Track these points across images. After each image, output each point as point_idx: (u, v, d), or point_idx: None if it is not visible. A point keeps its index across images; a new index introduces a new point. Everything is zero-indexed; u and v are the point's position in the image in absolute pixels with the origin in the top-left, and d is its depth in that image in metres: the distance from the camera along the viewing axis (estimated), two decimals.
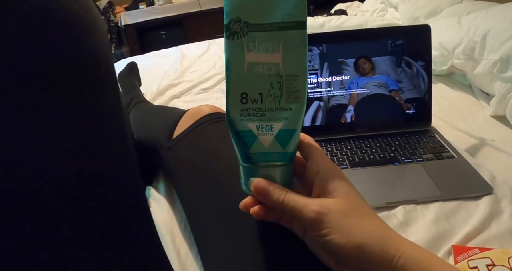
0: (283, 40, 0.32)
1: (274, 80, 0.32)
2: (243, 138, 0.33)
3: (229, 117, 0.33)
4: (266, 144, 0.33)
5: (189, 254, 0.54)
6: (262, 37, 0.32)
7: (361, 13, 1.92)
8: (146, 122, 0.74)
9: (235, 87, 0.32)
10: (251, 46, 0.32)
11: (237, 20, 0.31)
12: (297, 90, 0.32)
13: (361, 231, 0.29)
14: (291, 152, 0.33)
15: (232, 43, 0.32)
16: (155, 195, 0.67)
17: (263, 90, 0.32)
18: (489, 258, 0.48)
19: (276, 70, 0.32)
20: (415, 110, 0.78)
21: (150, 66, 1.51)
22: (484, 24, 0.90)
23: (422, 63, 0.77)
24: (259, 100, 0.32)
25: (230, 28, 0.32)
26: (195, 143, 0.54)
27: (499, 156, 0.73)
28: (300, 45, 0.32)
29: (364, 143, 0.74)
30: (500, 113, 0.86)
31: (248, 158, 0.33)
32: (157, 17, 3.15)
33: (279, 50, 0.32)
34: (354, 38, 0.77)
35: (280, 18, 0.31)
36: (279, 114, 0.32)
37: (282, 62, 0.32)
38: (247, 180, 0.34)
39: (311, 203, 0.30)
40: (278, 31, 0.31)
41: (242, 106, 0.32)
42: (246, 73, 0.32)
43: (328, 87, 0.78)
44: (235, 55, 0.32)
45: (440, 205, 0.58)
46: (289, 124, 0.32)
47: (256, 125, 0.32)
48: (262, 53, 0.32)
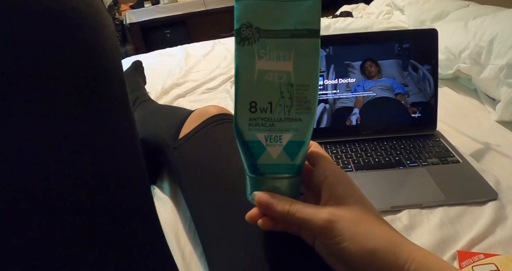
0: (295, 48, 0.30)
1: (285, 89, 0.31)
2: (251, 148, 0.32)
3: (237, 127, 0.32)
4: (274, 155, 0.32)
5: (193, 254, 0.54)
6: (274, 44, 0.30)
7: (367, 15, 1.92)
8: (152, 121, 0.74)
9: (244, 95, 0.31)
10: (262, 53, 0.30)
11: (248, 25, 0.30)
12: (307, 100, 0.31)
13: (373, 237, 0.28)
14: (299, 164, 0.33)
15: (243, 49, 0.31)
16: (160, 195, 0.67)
17: (273, 99, 0.31)
18: (493, 264, 0.48)
19: (287, 79, 0.31)
20: (420, 114, 0.78)
21: (155, 65, 1.51)
22: (491, 28, 0.90)
23: (429, 67, 0.77)
24: (268, 109, 0.31)
25: (241, 34, 0.30)
26: (201, 144, 0.54)
27: (504, 161, 0.72)
28: (313, 54, 0.31)
29: (369, 146, 0.74)
30: (505, 119, 0.86)
31: (256, 169, 0.32)
32: (162, 16, 3.15)
33: (291, 58, 0.31)
34: (361, 41, 0.77)
35: (293, 25, 0.30)
36: (288, 124, 0.32)
37: (293, 71, 0.31)
38: (253, 190, 0.33)
39: (320, 211, 0.30)
40: (290, 39, 0.30)
41: (251, 116, 0.31)
42: (256, 81, 0.31)
43: (334, 90, 0.78)
44: (245, 62, 0.31)
45: (445, 209, 0.58)
46: (299, 135, 0.32)
47: (264, 135, 0.32)
48: (273, 60, 0.31)
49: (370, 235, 0.29)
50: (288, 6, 0.30)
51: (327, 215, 0.29)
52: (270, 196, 0.31)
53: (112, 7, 3.04)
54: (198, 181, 0.50)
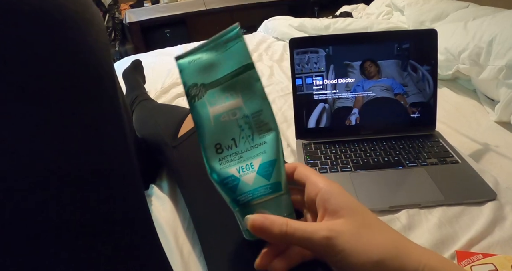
0: (238, 85, 0.34)
1: (242, 122, 0.34)
2: (227, 184, 0.33)
3: (210, 170, 0.34)
4: (249, 182, 0.32)
5: (192, 253, 0.54)
6: (220, 90, 0.34)
7: (367, 15, 1.92)
8: (151, 120, 0.74)
9: (208, 140, 0.34)
10: (212, 101, 0.34)
11: (194, 85, 0.34)
12: (265, 123, 0.34)
13: (377, 247, 0.27)
14: (277, 182, 0.33)
15: (196, 104, 0.34)
16: (158, 193, 0.67)
17: (235, 135, 0.34)
18: (492, 264, 0.48)
19: (241, 113, 0.34)
20: (419, 115, 0.78)
21: (155, 64, 1.51)
22: (491, 29, 0.90)
23: (428, 67, 0.77)
24: (233, 145, 0.34)
25: (190, 94, 0.34)
26: None
27: (503, 162, 0.73)
28: (255, 83, 0.34)
29: (369, 145, 0.74)
30: (504, 119, 0.86)
31: (237, 201, 0.33)
32: (162, 15, 3.15)
33: (238, 95, 0.34)
34: (360, 41, 0.77)
35: (230, 69, 0.34)
36: (255, 150, 0.33)
37: (244, 104, 0.34)
38: (245, 225, 0.32)
39: (318, 229, 0.28)
40: (232, 79, 0.34)
41: (219, 156, 0.34)
42: (214, 125, 0.34)
43: (333, 90, 0.78)
44: (200, 114, 0.34)
45: (444, 209, 0.58)
46: (268, 156, 0.33)
47: (236, 168, 0.33)
48: (224, 103, 0.34)
49: (373, 246, 0.28)
50: (220, 57, 0.34)
51: (326, 231, 0.28)
52: (263, 218, 0.29)
53: (112, 6, 3.04)
54: (197, 180, 0.50)
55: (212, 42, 0.35)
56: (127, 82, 1.19)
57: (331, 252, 0.28)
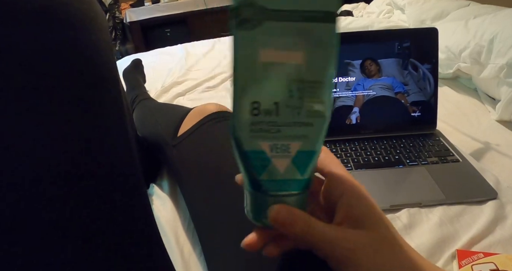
0: (309, 34, 0.24)
1: (294, 86, 0.25)
2: (253, 160, 0.26)
3: (235, 134, 0.26)
4: (281, 168, 0.26)
5: (193, 253, 0.54)
6: (282, 28, 0.24)
7: (367, 14, 1.92)
8: (151, 119, 0.74)
9: (244, 93, 0.25)
10: (266, 40, 0.24)
11: (250, 3, 0.23)
12: (321, 101, 0.25)
13: (394, 267, 0.26)
14: (309, 178, 0.27)
15: (242, 35, 0.24)
16: (159, 193, 0.67)
17: (280, 98, 0.25)
18: (493, 263, 0.48)
19: (297, 74, 0.24)
20: (420, 113, 0.78)
21: (155, 64, 1.51)
22: (492, 28, 0.89)
23: (429, 66, 0.77)
24: (274, 111, 0.25)
25: (239, 14, 0.23)
26: (200, 141, 0.54)
27: (504, 161, 0.72)
28: (329, 44, 0.25)
29: (369, 144, 0.74)
30: (505, 118, 0.86)
31: (259, 185, 0.27)
32: (162, 14, 3.15)
33: (303, 48, 0.24)
34: (361, 40, 0.77)
35: (306, 6, 0.24)
36: (297, 130, 0.26)
37: (305, 64, 0.24)
38: (255, 208, 0.28)
39: (343, 239, 0.26)
40: (303, 23, 0.24)
41: (253, 119, 0.25)
42: (259, 75, 0.24)
43: (333, 89, 0.78)
44: (246, 52, 0.24)
45: (445, 208, 0.58)
46: (309, 144, 0.26)
47: (269, 144, 0.25)
48: (281, 50, 0.24)
49: (393, 267, 0.26)
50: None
51: (352, 245, 0.26)
52: (288, 213, 0.26)
53: (112, 5, 3.04)
54: (197, 179, 0.50)
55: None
56: (127, 82, 1.19)
57: (348, 263, 0.26)
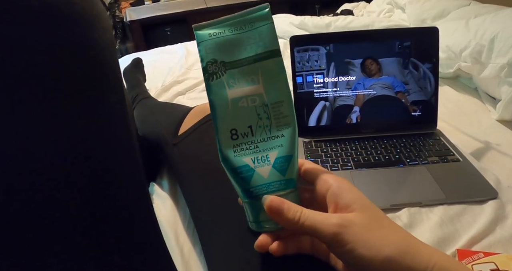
0: (261, 70, 0.32)
1: (261, 110, 0.32)
2: (240, 174, 0.32)
3: (223, 156, 0.32)
4: (265, 174, 0.32)
5: (193, 251, 0.54)
6: (241, 72, 0.32)
7: (368, 13, 1.92)
8: (151, 118, 0.74)
9: (223, 124, 0.32)
10: (231, 83, 0.32)
11: (213, 61, 0.32)
12: (285, 115, 0.32)
13: (387, 242, 0.27)
14: (292, 178, 0.32)
15: (213, 84, 0.32)
16: (159, 192, 0.67)
17: (252, 122, 0.32)
18: (493, 263, 0.48)
19: (261, 101, 0.32)
20: (421, 113, 0.78)
21: (155, 63, 1.51)
22: (492, 27, 0.89)
23: (429, 65, 0.77)
24: (249, 133, 0.32)
25: (208, 70, 0.32)
26: (201, 140, 0.54)
27: (505, 160, 0.72)
28: (279, 72, 0.32)
29: (369, 144, 0.74)
30: (506, 118, 0.86)
31: (250, 192, 0.32)
32: (163, 13, 3.14)
33: (260, 81, 0.32)
34: (361, 39, 0.77)
35: (254, 51, 0.32)
36: (272, 143, 0.32)
37: (265, 91, 0.32)
38: (254, 215, 0.33)
39: (330, 217, 0.28)
40: (255, 63, 0.32)
41: (234, 143, 0.32)
42: (232, 109, 0.32)
43: (334, 88, 0.78)
44: (218, 95, 0.32)
45: (445, 208, 0.58)
46: (285, 150, 0.32)
47: (251, 158, 0.32)
48: (244, 87, 0.32)
49: (384, 240, 0.27)
50: (245, 36, 0.32)
51: (338, 220, 0.28)
52: (281, 201, 0.30)
53: (112, 4, 3.03)
54: (198, 178, 0.50)
55: (237, 18, 0.32)
56: (127, 81, 1.19)
57: (340, 242, 0.27)
